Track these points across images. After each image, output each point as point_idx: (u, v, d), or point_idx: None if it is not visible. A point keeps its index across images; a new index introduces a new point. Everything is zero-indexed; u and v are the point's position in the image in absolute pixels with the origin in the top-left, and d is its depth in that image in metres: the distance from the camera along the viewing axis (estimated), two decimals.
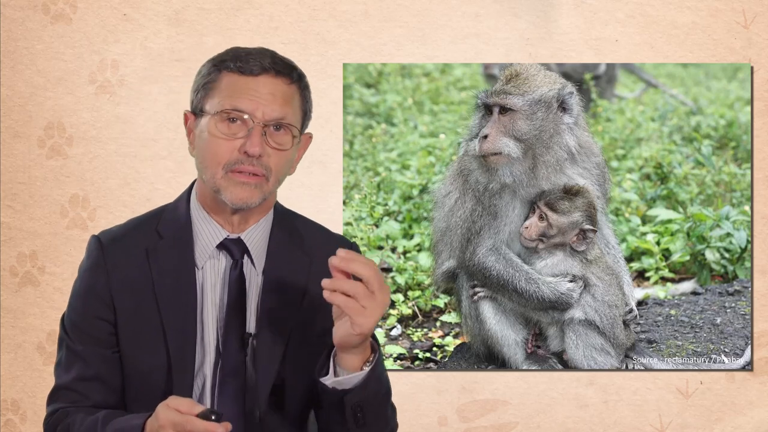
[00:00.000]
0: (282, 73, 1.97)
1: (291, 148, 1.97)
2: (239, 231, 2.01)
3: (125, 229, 2.04)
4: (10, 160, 3.12)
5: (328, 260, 1.77)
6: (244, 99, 1.93)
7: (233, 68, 1.96)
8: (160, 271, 1.97)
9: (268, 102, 1.94)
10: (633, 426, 3.12)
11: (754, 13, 3.12)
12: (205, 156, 1.97)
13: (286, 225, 2.06)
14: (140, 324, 1.96)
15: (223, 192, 1.95)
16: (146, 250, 1.98)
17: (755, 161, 3.14)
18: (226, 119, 1.94)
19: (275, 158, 1.95)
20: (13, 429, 3.11)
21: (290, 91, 1.98)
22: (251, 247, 2.01)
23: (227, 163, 1.94)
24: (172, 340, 1.95)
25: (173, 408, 1.76)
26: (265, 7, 3.12)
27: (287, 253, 2.03)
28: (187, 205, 2.03)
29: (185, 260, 1.98)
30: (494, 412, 3.12)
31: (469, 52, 3.13)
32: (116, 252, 1.99)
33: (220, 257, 2.00)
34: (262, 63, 1.96)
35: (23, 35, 3.11)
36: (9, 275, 3.12)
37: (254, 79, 1.95)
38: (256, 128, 1.93)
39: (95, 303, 1.97)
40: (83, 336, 1.98)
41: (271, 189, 1.97)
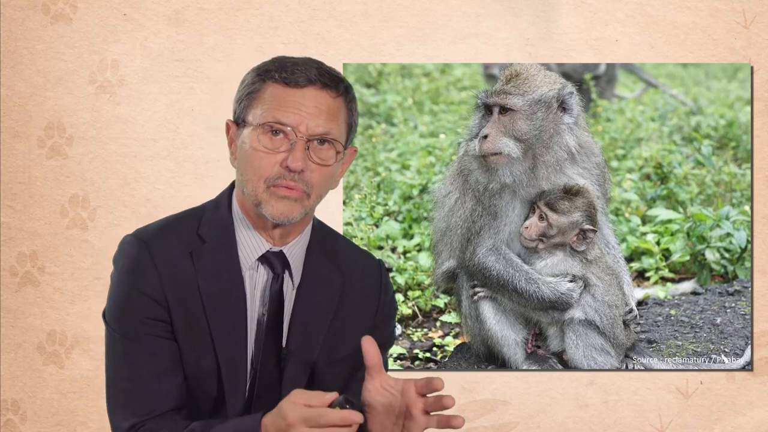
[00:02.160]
0: (328, 85, 1.91)
1: (335, 163, 1.92)
2: (280, 244, 1.96)
3: (164, 229, 1.96)
4: (10, 160, 3.12)
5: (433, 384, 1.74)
6: (288, 112, 1.88)
7: (278, 79, 1.90)
8: (206, 275, 1.91)
9: (312, 116, 1.88)
10: (633, 426, 3.12)
11: (754, 13, 3.12)
12: (246, 169, 1.90)
13: (323, 241, 2.02)
14: (190, 328, 1.90)
15: (264, 206, 1.89)
16: (190, 253, 1.92)
17: (755, 161, 3.14)
18: (269, 132, 1.88)
19: (318, 174, 1.90)
20: (13, 429, 3.11)
21: (336, 105, 1.92)
22: (292, 262, 1.97)
23: (269, 177, 1.88)
24: (221, 345, 1.89)
25: (301, 403, 1.68)
26: (265, 7, 3.12)
27: (323, 270, 1.99)
28: (229, 211, 1.97)
29: (231, 264, 1.93)
30: (494, 412, 3.12)
31: (469, 52, 3.13)
32: (161, 251, 1.91)
33: (259, 269, 1.95)
34: (308, 74, 1.90)
35: (23, 35, 3.11)
36: (9, 275, 3.11)
37: (299, 91, 1.89)
38: (299, 143, 1.87)
39: (148, 303, 1.90)
40: (140, 335, 1.89)
41: (312, 205, 1.92)
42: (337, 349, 1.98)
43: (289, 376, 1.93)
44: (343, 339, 1.98)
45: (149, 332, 1.89)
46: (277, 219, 1.89)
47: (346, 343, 1.97)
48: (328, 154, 1.90)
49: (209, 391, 1.91)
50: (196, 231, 1.94)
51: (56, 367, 3.09)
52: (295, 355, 1.93)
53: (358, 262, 2.04)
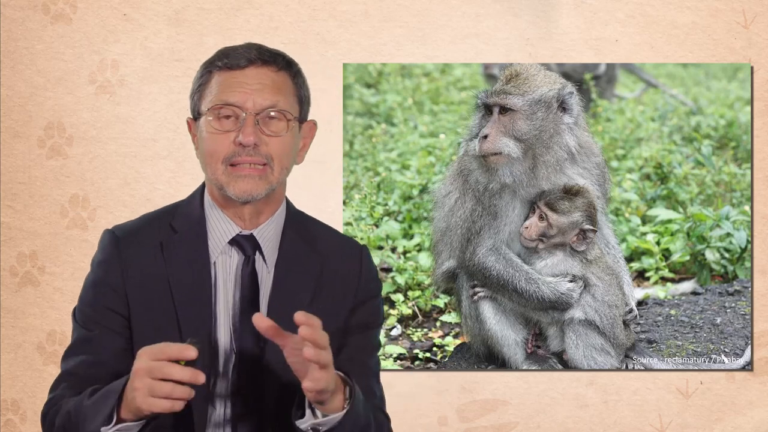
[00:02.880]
0: (268, 61, 1.99)
1: (287, 133, 1.98)
2: (251, 227, 2.02)
3: (139, 224, 2.05)
4: (10, 160, 3.12)
5: (296, 318, 1.74)
6: (233, 92, 1.96)
7: (221, 66, 1.98)
8: (175, 264, 1.98)
9: (257, 91, 1.96)
10: (633, 426, 3.12)
11: (754, 13, 3.12)
12: (204, 155, 1.98)
13: (298, 225, 2.07)
14: (155, 317, 1.96)
15: (227, 187, 1.96)
16: (160, 243, 1.99)
17: (755, 161, 3.14)
18: (219, 116, 1.96)
19: (274, 145, 1.96)
20: (13, 429, 3.11)
21: (280, 78, 1.99)
22: (263, 244, 2.02)
23: (225, 157, 1.95)
24: (187, 333, 1.94)
25: (146, 356, 1.71)
26: (265, 7, 3.12)
27: (299, 251, 2.03)
28: (201, 201, 2.04)
29: (200, 254, 1.99)
30: (494, 412, 3.12)
31: (469, 52, 3.13)
32: (131, 245, 2.00)
33: (231, 253, 2.01)
34: (248, 55, 1.98)
35: (23, 35, 3.11)
36: (9, 275, 3.11)
37: (242, 72, 1.97)
38: (248, 118, 1.95)
39: (109, 295, 1.98)
40: (95, 325, 1.98)
41: (277, 178, 1.98)
42: None
43: (270, 356, 1.96)
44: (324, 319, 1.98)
45: (101, 322, 1.97)
46: (241, 197, 1.96)
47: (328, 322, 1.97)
48: (279, 125, 1.97)
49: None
50: (170, 223, 2.02)
51: (56, 367, 3.08)
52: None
53: (337, 245, 2.08)
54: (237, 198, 1.96)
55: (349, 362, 2.02)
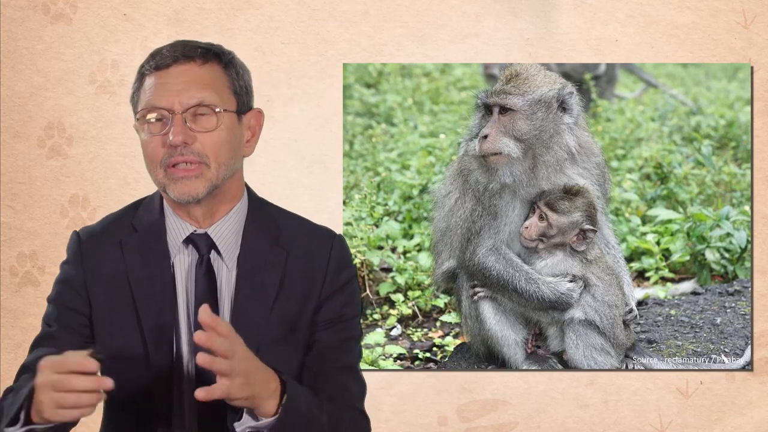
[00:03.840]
0: (192, 57, 1.96)
1: (219, 128, 1.94)
2: (206, 225, 1.99)
3: (104, 224, 2.06)
4: (10, 160, 3.12)
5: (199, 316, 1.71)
6: (160, 96, 1.93)
7: (149, 68, 1.97)
8: (135, 263, 1.98)
9: (181, 91, 1.93)
10: (633, 426, 3.12)
11: (754, 13, 3.12)
12: (145, 160, 1.97)
13: (261, 217, 2.04)
14: (116, 316, 1.97)
15: (168, 190, 1.94)
16: (120, 242, 2.00)
17: (755, 161, 3.14)
18: (150, 120, 1.94)
19: (207, 143, 1.93)
20: None
21: (205, 72, 1.96)
22: (219, 242, 1.99)
23: (161, 160, 1.93)
24: (148, 331, 1.94)
25: (48, 369, 1.68)
26: (265, 7, 3.12)
27: (262, 247, 2.00)
28: (161, 200, 2.03)
29: (159, 253, 1.98)
30: (494, 412, 3.12)
31: (469, 52, 3.13)
32: (92, 246, 2.01)
33: (187, 252, 1.99)
34: (173, 53, 1.95)
35: (23, 35, 3.11)
36: (9, 275, 3.12)
37: (166, 72, 1.95)
38: (175, 118, 1.92)
39: (71, 294, 2.00)
40: (56, 322, 1.99)
41: (218, 175, 1.95)
42: (284, 326, 1.98)
43: None
44: (289, 315, 1.98)
45: (62, 320, 1.98)
46: (182, 199, 1.94)
47: (295, 318, 1.98)
48: (209, 121, 1.94)
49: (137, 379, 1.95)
50: (131, 221, 2.03)
51: None
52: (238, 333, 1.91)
53: (304, 238, 2.04)
54: (178, 200, 1.94)
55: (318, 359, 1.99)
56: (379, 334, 3.16)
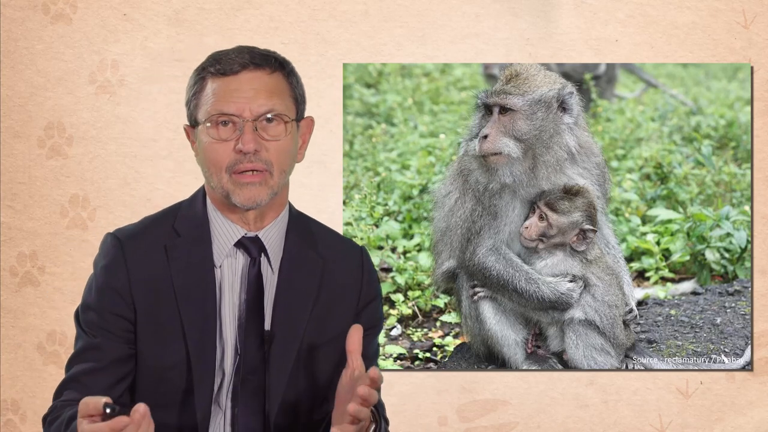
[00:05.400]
0: (261, 65, 1.98)
1: (286, 136, 1.98)
2: (256, 229, 2.02)
3: (142, 227, 2.04)
4: (10, 160, 3.12)
5: (370, 374, 1.78)
6: (230, 101, 1.95)
7: (214, 72, 1.98)
8: (179, 268, 1.98)
9: (252, 99, 1.96)
10: (633, 426, 3.12)
11: (754, 13, 3.12)
12: (207, 164, 1.99)
13: (300, 227, 2.08)
14: (160, 321, 1.97)
15: (232, 195, 1.96)
16: (165, 247, 1.99)
17: (755, 161, 3.14)
18: (217, 124, 1.96)
19: (273, 150, 1.97)
20: (13, 429, 3.11)
21: (274, 81, 1.99)
22: (268, 246, 2.02)
23: (228, 165, 1.96)
24: (191, 337, 1.95)
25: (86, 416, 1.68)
26: (265, 7, 3.12)
27: (302, 254, 2.04)
28: (204, 203, 2.04)
29: (204, 258, 1.99)
30: (494, 412, 3.12)
31: (469, 52, 3.13)
32: (135, 249, 1.99)
33: (237, 256, 2.01)
34: (240, 60, 1.97)
35: (23, 35, 3.11)
36: (9, 275, 3.11)
37: (236, 78, 1.97)
38: (246, 126, 1.94)
39: (115, 299, 1.98)
40: (99, 330, 1.98)
41: (278, 182, 1.98)
42: (322, 332, 2.02)
43: (274, 358, 1.97)
44: (327, 322, 2.02)
45: (106, 328, 1.97)
46: (246, 205, 1.97)
47: (331, 326, 2.01)
48: (278, 129, 1.98)
49: (179, 382, 1.96)
50: (173, 226, 2.02)
51: (56, 367, 3.09)
52: (279, 338, 1.98)
53: (338, 247, 2.10)
54: (242, 206, 1.97)
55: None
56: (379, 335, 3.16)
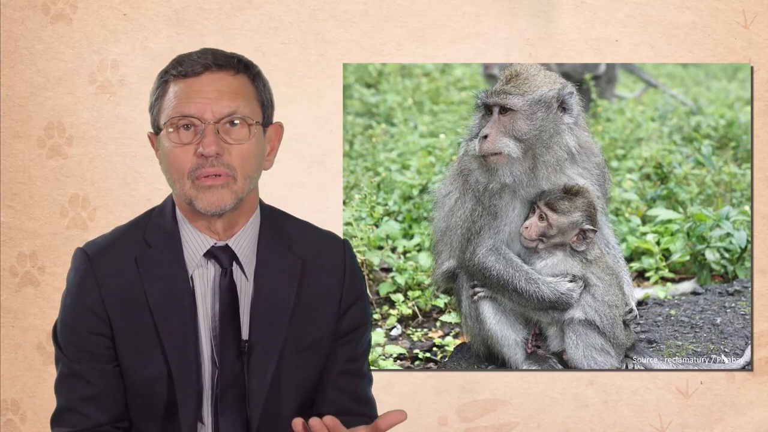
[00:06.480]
0: (224, 66, 1.91)
1: (250, 140, 1.91)
2: (226, 238, 1.96)
3: (111, 239, 1.98)
4: (10, 160, 3.12)
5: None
6: (190, 103, 1.89)
7: (176, 75, 1.91)
8: (151, 280, 1.92)
9: (214, 100, 1.89)
10: (633, 426, 3.12)
11: (754, 13, 3.12)
12: (169, 170, 1.93)
13: (273, 227, 2.01)
14: (137, 335, 1.92)
15: (195, 201, 1.90)
16: (135, 259, 1.93)
17: (755, 161, 3.14)
18: (179, 127, 1.89)
19: (236, 154, 1.89)
20: (13, 429, 3.11)
21: (238, 83, 1.92)
22: (240, 254, 1.96)
23: (190, 170, 1.89)
24: (170, 349, 1.91)
25: None
26: (265, 7, 3.12)
27: (277, 257, 1.97)
28: (173, 213, 1.98)
29: (177, 268, 1.93)
30: (494, 412, 3.12)
31: (469, 52, 3.13)
32: (105, 263, 1.94)
33: (208, 266, 1.95)
34: (203, 61, 1.90)
35: (23, 35, 3.11)
36: (9, 275, 3.12)
37: (197, 79, 1.90)
38: (207, 128, 1.88)
39: (89, 318, 1.93)
40: (80, 353, 1.94)
41: (243, 187, 1.91)
42: (303, 338, 1.96)
43: (254, 369, 1.92)
44: (308, 327, 1.97)
45: (88, 349, 1.93)
46: (210, 210, 1.90)
47: (313, 330, 1.96)
48: (242, 133, 1.90)
49: (161, 395, 1.93)
50: (143, 236, 1.96)
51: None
52: (257, 348, 1.93)
53: (317, 245, 2.02)
54: (206, 211, 1.90)
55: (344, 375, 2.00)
56: (379, 334, 3.16)
